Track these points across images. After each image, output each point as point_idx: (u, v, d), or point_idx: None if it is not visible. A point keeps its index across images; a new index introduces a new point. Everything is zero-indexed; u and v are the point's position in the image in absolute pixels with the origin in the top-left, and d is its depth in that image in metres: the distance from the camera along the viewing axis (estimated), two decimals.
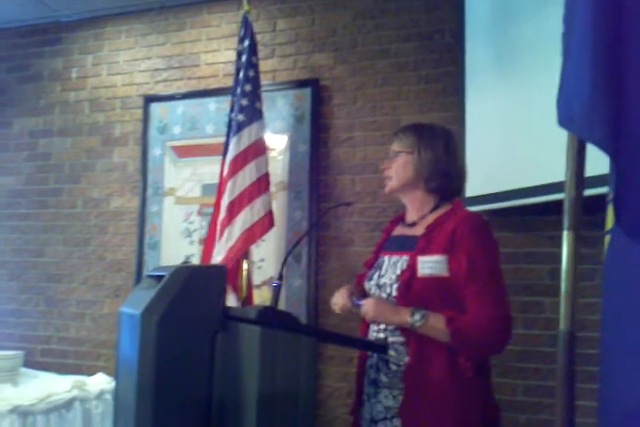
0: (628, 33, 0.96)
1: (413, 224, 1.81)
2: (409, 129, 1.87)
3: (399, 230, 1.88)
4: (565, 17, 1.11)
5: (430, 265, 1.65)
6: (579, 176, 1.13)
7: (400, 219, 1.93)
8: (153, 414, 1.43)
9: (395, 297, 1.70)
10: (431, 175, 1.78)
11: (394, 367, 1.70)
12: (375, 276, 1.80)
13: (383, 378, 1.71)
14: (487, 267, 1.65)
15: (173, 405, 1.46)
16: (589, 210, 1.42)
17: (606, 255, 1.07)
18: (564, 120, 1.04)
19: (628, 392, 0.96)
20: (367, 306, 1.68)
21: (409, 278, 1.67)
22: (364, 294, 1.86)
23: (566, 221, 1.16)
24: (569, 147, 1.13)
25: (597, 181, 1.55)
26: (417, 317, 1.61)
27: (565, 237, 1.16)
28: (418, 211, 1.82)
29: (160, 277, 1.58)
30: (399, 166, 1.81)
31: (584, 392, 2.33)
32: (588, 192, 1.58)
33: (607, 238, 1.07)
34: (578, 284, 2.47)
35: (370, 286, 1.81)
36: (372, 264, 1.87)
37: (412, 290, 1.66)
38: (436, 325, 1.61)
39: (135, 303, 1.58)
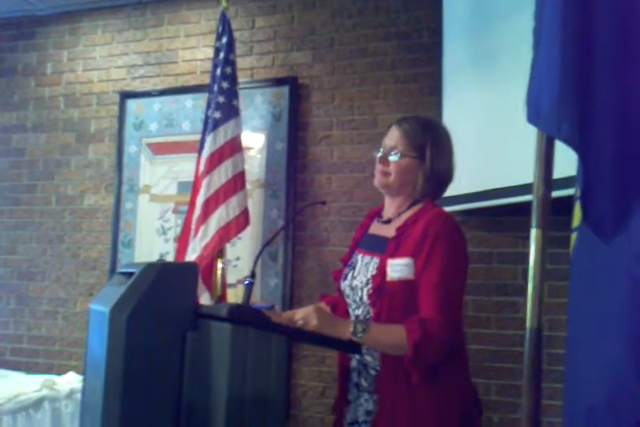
0: (598, 29, 0.97)
1: (388, 221, 1.77)
2: (416, 125, 1.73)
3: (374, 228, 1.84)
4: (536, 13, 1.11)
5: (399, 268, 1.62)
6: (546, 175, 1.13)
7: (376, 213, 1.88)
8: (120, 412, 1.41)
9: (368, 303, 1.69)
10: (434, 184, 1.72)
11: (372, 372, 1.69)
12: (349, 276, 1.78)
13: (363, 382, 1.71)
14: (442, 268, 1.59)
15: (142, 403, 1.44)
16: (564, 210, 1.42)
17: (572, 253, 1.07)
18: (533, 116, 1.04)
19: (592, 390, 0.97)
20: (308, 315, 1.56)
21: (380, 283, 1.64)
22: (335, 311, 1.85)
23: (534, 220, 1.16)
24: (538, 146, 1.14)
25: (568, 182, 1.56)
26: (358, 328, 1.54)
27: (533, 236, 1.16)
28: (397, 208, 1.77)
29: (131, 274, 1.56)
30: (403, 170, 1.71)
31: (558, 392, 2.36)
32: (560, 193, 1.60)
33: (574, 236, 1.08)
34: (546, 282, 2.48)
35: (344, 286, 1.80)
36: (348, 261, 1.85)
37: (384, 295, 1.64)
38: (383, 337, 1.57)
39: (105, 300, 1.56)
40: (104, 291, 1.74)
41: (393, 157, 1.71)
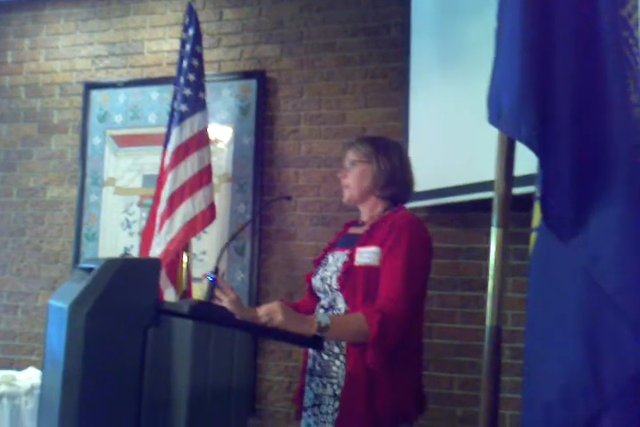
0: (557, 32, 0.98)
1: (363, 224, 1.90)
2: (364, 140, 1.94)
3: (351, 231, 1.96)
4: (498, 14, 1.12)
5: (367, 255, 1.73)
6: (507, 174, 1.14)
7: (355, 222, 2.00)
8: (78, 409, 1.39)
9: (336, 289, 1.76)
10: (387, 184, 1.85)
11: (325, 357, 1.76)
12: (320, 271, 1.87)
13: (316, 367, 1.78)
14: (404, 256, 1.69)
15: (101, 400, 1.42)
16: (531, 207, 1.44)
17: (532, 252, 1.09)
18: (493, 117, 1.05)
19: (549, 387, 0.98)
20: (272, 311, 1.58)
21: (348, 268, 1.74)
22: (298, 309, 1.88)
23: (495, 219, 1.17)
24: (499, 145, 1.15)
25: (532, 179, 1.57)
26: (322, 324, 1.58)
27: (494, 234, 1.17)
28: (369, 213, 1.90)
29: (91, 269, 1.53)
30: (357, 176, 1.87)
31: (521, 385, 2.40)
32: (525, 190, 1.61)
33: (533, 236, 1.09)
34: (511, 277, 2.52)
35: (315, 281, 1.88)
36: (319, 262, 1.93)
37: (350, 279, 1.73)
38: (345, 327, 1.64)
39: (64, 296, 1.53)
40: (64, 286, 1.71)
41: (350, 168, 1.90)
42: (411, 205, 2.55)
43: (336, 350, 1.73)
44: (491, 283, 1.17)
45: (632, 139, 0.90)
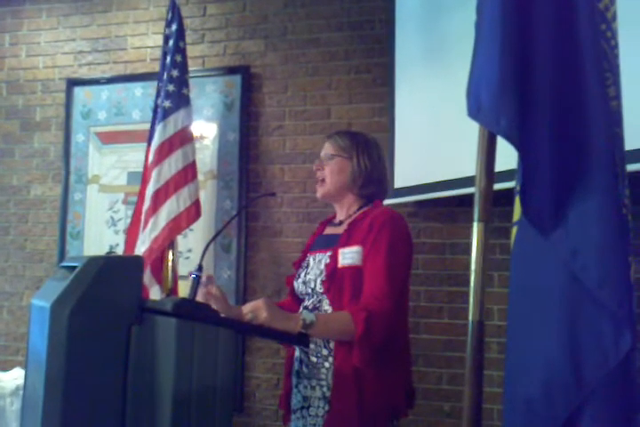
0: (537, 25, 0.97)
1: (340, 223, 1.86)
2: (343, 134, 1.90)
3: (327, 231, 1.93)
4: (478, 7, 1.11)
5: (350, 256, 1.70)
6: (488, 169, 1.14)
7: (328, 221, 1.97)
8: (62, 410, 1.37)
9: (321, 292, 1.74)
10: (366, 182, 1.82)
11: (314, 359, 1.73)
12: (302, 274, 1.85)
13: (304, 369, 1.75)
14: (385, 254, 1.67)
15: (84, 400, 1.40)
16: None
17: (513, 246, 1.09)
18: (473, 110, 1.05)
19: (530, 382, 0.98)
20: (257, 308, 1.55)
21: (332, 270, 1.71)
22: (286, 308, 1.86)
23: (476, 213, 1.17)
24: (480, 140, 1.14)
25: (511, 175, 1.57)
26: (307, 320, 1.56)
27: (475, 229, 1.17)
28: (346, 212, 1.87)
29: (74, 267, 1.52)
30: (335, 171, 1.83)
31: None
32: (508, 185, 1.61)
33: (514, 230, 1.09)
34: (496, 272, 2.52)
35: (297, 284, 1.85)
36: (300, 264, 1.90)
37: (335, 281, 1.70)
38: (330, 325, 1.62)
39: (46, 295, 1.51)
40: (46, 285, 1.69)
41: (327, 161, 1.86)
42: (397, 200, 2.56)
43: (325, 351, 1.71)
44: (473, 277, 1.17)
45: (609, 132, 0.90)
